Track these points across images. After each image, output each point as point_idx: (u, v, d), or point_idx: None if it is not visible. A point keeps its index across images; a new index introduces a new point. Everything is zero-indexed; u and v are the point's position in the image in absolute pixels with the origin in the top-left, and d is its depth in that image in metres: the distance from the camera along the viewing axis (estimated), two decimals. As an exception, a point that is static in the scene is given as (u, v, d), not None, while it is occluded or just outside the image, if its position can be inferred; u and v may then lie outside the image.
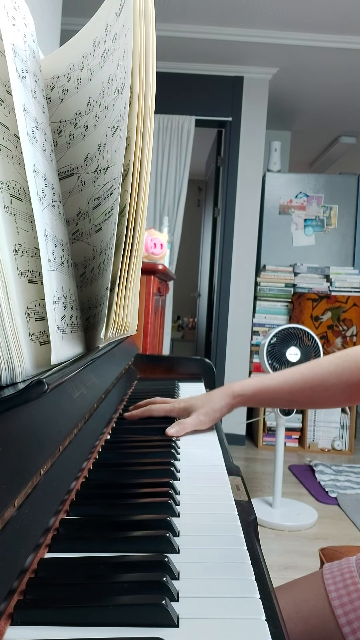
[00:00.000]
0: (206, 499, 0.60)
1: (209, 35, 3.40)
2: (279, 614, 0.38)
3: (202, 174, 5.61)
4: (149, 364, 1.40)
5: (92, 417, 0.72)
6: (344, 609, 0.69)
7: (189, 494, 0.60)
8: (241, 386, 0.88)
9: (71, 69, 0.74)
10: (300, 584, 0.78)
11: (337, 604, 0.70)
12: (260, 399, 0.88)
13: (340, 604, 0.69)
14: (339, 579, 0.73)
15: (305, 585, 0.77)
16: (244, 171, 3.89)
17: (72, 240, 0.73)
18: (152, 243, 2.03)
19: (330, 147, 5.02)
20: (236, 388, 0.89)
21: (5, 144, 0.52)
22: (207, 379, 1.34)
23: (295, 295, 3.95)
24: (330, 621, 0.69)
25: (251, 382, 0.89)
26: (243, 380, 0.90)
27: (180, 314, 6.61)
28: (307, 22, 3.19)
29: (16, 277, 0.50)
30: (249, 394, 0.88)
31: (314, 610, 0.71)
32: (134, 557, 0.44)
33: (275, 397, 0.87)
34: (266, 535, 2.49)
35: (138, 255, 0.67)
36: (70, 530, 0.49)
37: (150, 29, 0.63)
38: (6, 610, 0.36)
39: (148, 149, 0.64)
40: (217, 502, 0.59)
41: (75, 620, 0.36)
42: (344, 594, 0.70)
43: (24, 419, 0.45)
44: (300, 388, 0.84)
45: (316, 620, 0.70)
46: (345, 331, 3.89)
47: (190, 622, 0.37)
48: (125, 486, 0.60)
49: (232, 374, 3.97)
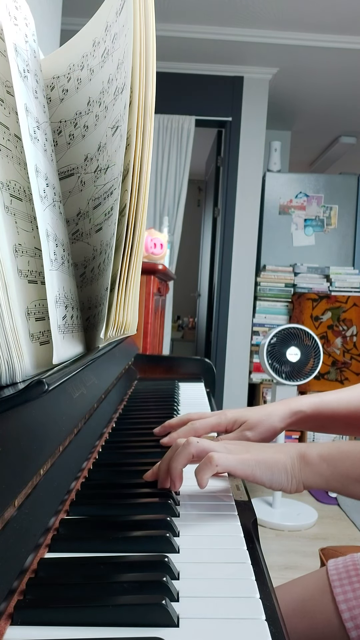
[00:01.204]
0: (206, 499, 0.60)
1: (209, 35, 3.40)
2: (279, 614, 0.38)
3: (202, 174, 5.61)
4: (149, 364, 1.40)
5: (92, 417, 0.72)
6: (348, 604, 0.69)
7: (189, 494, 0.60)
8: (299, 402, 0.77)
9: (71, 69, 0.74)
10: (306, 580, 0.78)
11: (341, 599, 0.70)
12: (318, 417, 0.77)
13: (345, 599, 0.70)
14: (343, 575, 0.73)
15: (310, 581, 0.77)
16: (244, 171, 3.89)
17: (72, 240, 0.73)
18: (152, 243, 2.03)
19: (330, 147, 5.02)
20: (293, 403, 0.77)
21: (5, 144, 0.52)
22: (207, 379, 1.34)
23: (295, 295, 3.95)
24: (335, 617, 0.69)
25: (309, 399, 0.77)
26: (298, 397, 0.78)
27: (180, 314, 6.61)
28: (307, 22, 3.19)
29: (16, 277, 0.50)
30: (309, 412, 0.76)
31: (319, 606, 0.72)
32: (134, 557, 0.44)
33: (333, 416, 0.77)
34: (266, 535, 2.49)
35: (138, 255, 0.67)
36: (70, 530, 0.49)
37: (150, 29, 0.63)
38: (6, 610, 0.36)
39: (148, 149, 0.64)
40: (217, 502, 0.59)
41: (75, 620, 0.36)
42: (349, 590, 0.70)
43: (24, 419, 0.45)
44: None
45: (321, 616, 0.71)
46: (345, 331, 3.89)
47: (190, 622, 0.37)
48: (125, 486, 0.60)
49: (232, 374, 3.97)
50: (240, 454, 0.58)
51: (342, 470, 0.57)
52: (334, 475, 0.57)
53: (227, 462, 0.56)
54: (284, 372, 2.78)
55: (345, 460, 0.57)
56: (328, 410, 0.76)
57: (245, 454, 0.58)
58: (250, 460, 0.57)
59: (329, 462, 0.58)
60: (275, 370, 2.76)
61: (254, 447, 0.60)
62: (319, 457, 0.58)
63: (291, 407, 0.76)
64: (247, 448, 0.60)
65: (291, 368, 2.78)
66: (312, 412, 0.76)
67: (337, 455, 0.58)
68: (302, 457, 0.58)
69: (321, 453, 0.58)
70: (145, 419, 0.91)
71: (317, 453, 0.58)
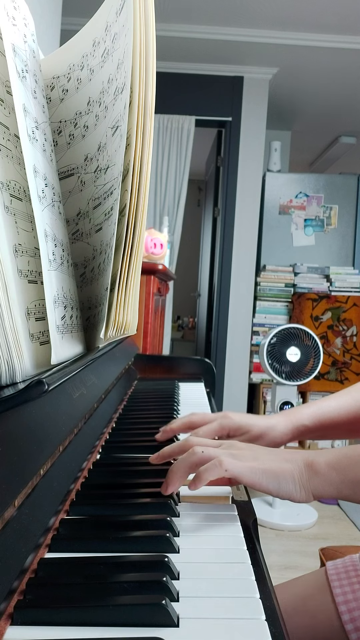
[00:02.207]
0: (206, 499, 0.60)
1: (209, 35, 3.40)
2: (279, 614, 0.38)
3: (202, 174, 5.61)
4: (149, 364, 1.40)
5: (92, 417, 0.72)
6: (347, 606, 0.69)
7: (189, 494, 0.60)
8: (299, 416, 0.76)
9: (71, 69, 0.74)
10: (306, 580, 0.78)
11: (341, 600, 0.70)
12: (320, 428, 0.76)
13: (344, 601, 0.70)
14: (343, 576, 0.73)
15: (310, 580, 0.77)
16: (244, 171, 3.89)
17: (72, 240, 0.73)
18: (152, 243, 2.03)
19: (330, 147, 5.02)
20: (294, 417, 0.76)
21: (5, 144, 0.52)
22: (207, 379, 1.34)
23: (295, 295, 3.95)
24: (335, 619, 0.69)
25: (309, 410, 0.77)
26: (298, 409, 0.78)
27: (180, 314, 6.61)
28: (307, 22, 3.19)
29: (16, 277, 0.50)
30: (311, 425, 0.76)
31: (320, 606, 0.72)
32: (134, 557, 0.44)
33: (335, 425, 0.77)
34: (266, 535, 2.49)
35: (138, 255, 0.67)
36: (70, 530, 0.49)
37: (150, 29, 0.63)
38: (6, 610, 0.36)
39: (148, 149, 0.64)
40: (217, 502, 0.59)
41: (75, 620, 0.36)
42: (349, 591, 0.71)
43: (24, 419, 0.45)
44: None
45: (322, 616, 0.71)
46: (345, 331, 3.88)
47: (190, 622, 0.37)
48: (125, 486, 0.60)
49: (232, 374, 3.97)
50: (248, 462, 0.57)
51: (353, 476, 0.55)
52: (344, 483, 0.56)
53: (236, 469, 0.55)
54: (284, 372, 2.78)
55: (354, 466, 0.56)
56: (329, 420, 0.76)
57: (252, 462, 0.57)
58: (257, 468, 0.56)
59: (338, 470, 0.56)
60: (275, 370, 2.76)
61: (261, 454, 0.59)
62: (327, 466, 0.56)
63: (293, 421, 0.75)
64: (254, 454, 0.59)
65: (291, 368, 2.78)
66: (314, 424, 0.76)
67: (345, 462, 0.56)
68: (309, 467, 0.57)
69: (329, 461, 0.57)
70: (145, 419, 0.91)
71: (324, 461, 0.57)
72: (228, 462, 0.55)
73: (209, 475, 0.55)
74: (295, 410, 0.77)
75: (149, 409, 0.99)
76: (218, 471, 0.55)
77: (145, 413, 0.96)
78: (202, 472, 0.55)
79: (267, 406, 3.89)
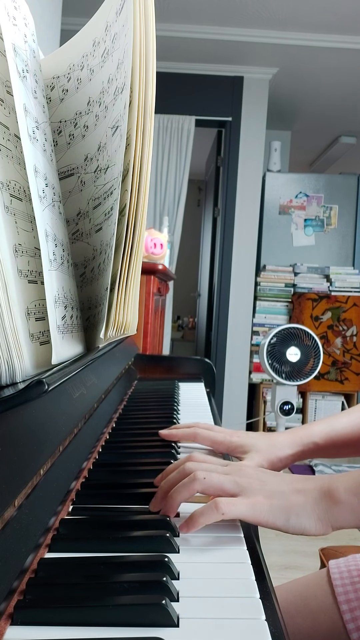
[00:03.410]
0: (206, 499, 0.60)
1: (209, 35, 3.40)
2: (279, 614, 0.38)
3: (202, 174, 5.61)
4: (149, 364, 1.40)
5: (92, 417, 0.72)
6: (349, 605, 0.69)
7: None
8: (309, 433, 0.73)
9: (71, 69, 0.74)
10: (308, 580, 0.78)
11: (342, 600, 0.70)
12: (332, 447, 0.74)
13: (346, 600, 0.70)
14: (345, 575, 0.73)
15: (312, 580, 0.77)
16: (244, 171, 3.89)
17: (72, 240, 0.73)
18: (152, 243, 2.03)
19: (330, 147, 5.02)
20: (302, 433, 0.73)
21: (5, 144, 0.52)
22: (207, 379, 1.34)
23: (295, 295, 3.95)
24: (337, 619, 0.69)
25: (319, 427, 0.74)
26: (307, 426, 0.75)
27: (180, 314, 6.61)
28: (307, 22, 3.19)
29: (16, 277, 0.50)
30: (322, 443, 0.73)
31: (322, 606, 0.72)
32: (134, 557, 0.44)
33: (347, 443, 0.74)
34: (266, 535, 2.49)
35: (138, 255, 0.67)
36: (70, 530, 0.49)
37: (150, 29, 0.63)
38: (6, 610, 0.36)
39: (148, 149, 0.64)
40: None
41: (75, 620, 0.36)
42: (350, 590, 0.70)
43: (24, 419, 0.45)
44: None
45: (324, 616, 0.71)
46: (345, 331, 3.89)
47: (190, 622, 0.37)
48: (126, 486, 0.60)
49: (232, 374, 3.97)
50: (252, 495, 0.52)
51: None
52: None
53: (236, 511, 0.50)
54: (284, 372, 2.78)
55: None
56: (341, 438, 0.74)
57: (257, 496, 0.52)
58: (263, 504, 0.51)
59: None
60: (275, 370, 2.76)
61: (270, 483, 0.53)
62: (348, 493, 0.51)
63: (302, 438, 0.72)
64: (261, 484, 0.53)
65: (291, 368, 2.78)
66: (325, 442, 0.73)
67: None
68: (327, 496, 0.52)
69: (349, 488, 0.52)
70: (145, 419, 0.91)
71: (344, 488, 0.52)
72: (225, 505, 0.50)
73: (204, 521, 0.50)
74: (303, 428, 0.74)
75: (149, 409, 0.99)
76: (215, 516, 0.50)
77: (145, 413, 0.96)
78: (197, 517, 0.50)
79: (267, 406, 3.89)
